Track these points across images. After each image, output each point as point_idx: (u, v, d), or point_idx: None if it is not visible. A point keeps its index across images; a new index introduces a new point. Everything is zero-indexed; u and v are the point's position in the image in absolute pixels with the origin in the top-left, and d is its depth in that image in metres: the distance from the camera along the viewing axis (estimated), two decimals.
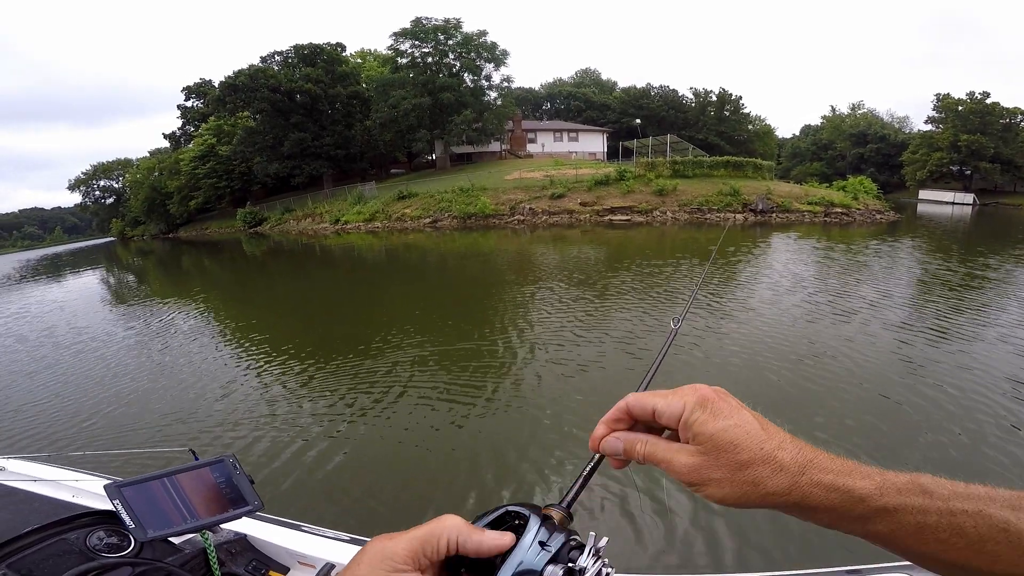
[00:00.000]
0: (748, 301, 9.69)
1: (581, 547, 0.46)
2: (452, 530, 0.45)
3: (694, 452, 0.47)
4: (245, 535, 1.90)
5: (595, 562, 0.45)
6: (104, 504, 1.77)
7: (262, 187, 48.35)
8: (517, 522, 0.48)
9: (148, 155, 62.75)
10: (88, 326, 11.31)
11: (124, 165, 67.01)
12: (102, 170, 68.23)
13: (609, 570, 0.45)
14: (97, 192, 69.65)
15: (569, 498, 0.53)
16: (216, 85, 46.11)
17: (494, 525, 0.48)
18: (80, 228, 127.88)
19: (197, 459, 1.63)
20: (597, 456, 0.56)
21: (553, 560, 0.44)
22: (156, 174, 53.25)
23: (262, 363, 7.53)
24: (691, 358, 6.64)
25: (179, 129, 59.65)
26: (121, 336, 10.14)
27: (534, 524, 0.46)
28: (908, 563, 1.29)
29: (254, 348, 8.43)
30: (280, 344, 8.45)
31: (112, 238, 69.55)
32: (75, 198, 73.54)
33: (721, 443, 0.46)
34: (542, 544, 0.45)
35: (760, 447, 0.45)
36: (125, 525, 1.41)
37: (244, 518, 1.77)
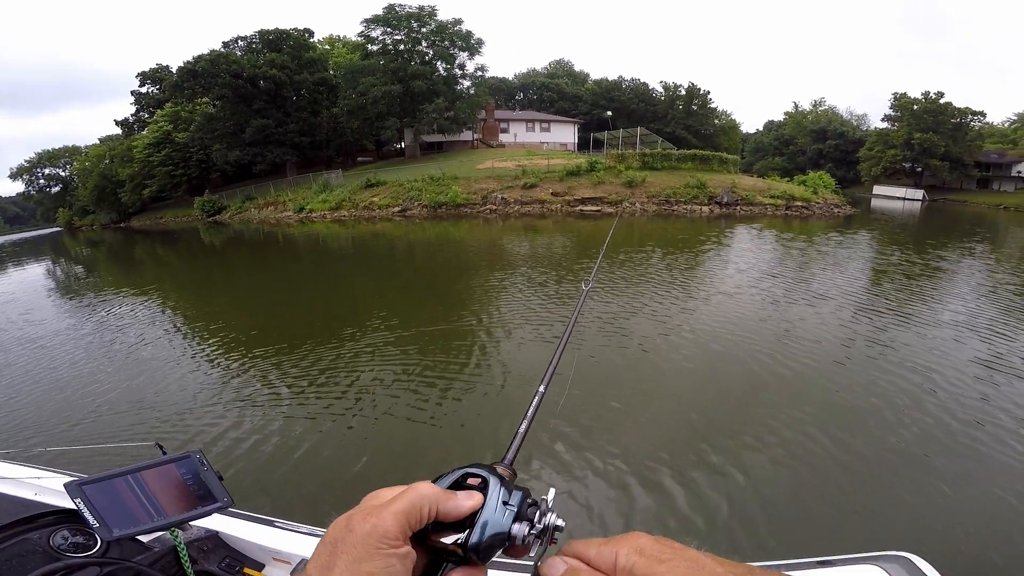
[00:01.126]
0: (721, 286, 9.99)
1: (536, 503, 0.49)
2: (431, 498, 0.45)
3: None
4: (217, 532, 1.85)
5: (551, 516, 0.48)
6: (69, 502, 1.68)
7: (221, 175, 46.57)
8: (469, 481, 0.50)
9: (98, 142, 59.44)
10: (43, 320, 10.79)
11: (72, 152, 63.51)
12: (47, 157, 64.56)
13: (562, 523, 0.48)
14: (42, 180, 65.95)
15: (511, 455, 0.55)
16: (173, 71, 43.97)
17: (453, 486, 0.49)
18: (23, 218, 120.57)
19: (164, 453, 1.56)
20: (532, 409, 0.61)
21: (517, 518, 0.47)
22: (107, 161, 50.55)
23: (229, 357, 7.28)
24: (677, 341, 6.82)
25: (132, 116, 56.61)
26: (78, 330, 9.64)
27: (495, 485, 0.48)
28: (873, 554, 1.39)
29: (219, 341, 8.13)
30: (245, 337, 8.19)
31: (58, 228, 65.97)
32: (17, 187, 69.43)
33: None
34: (505, 503, 0.47)
35: None
36: (88, 524, 1.36)
37: (216, 515, 1.71)
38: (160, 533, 1.64)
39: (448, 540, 0.46)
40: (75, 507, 1.40)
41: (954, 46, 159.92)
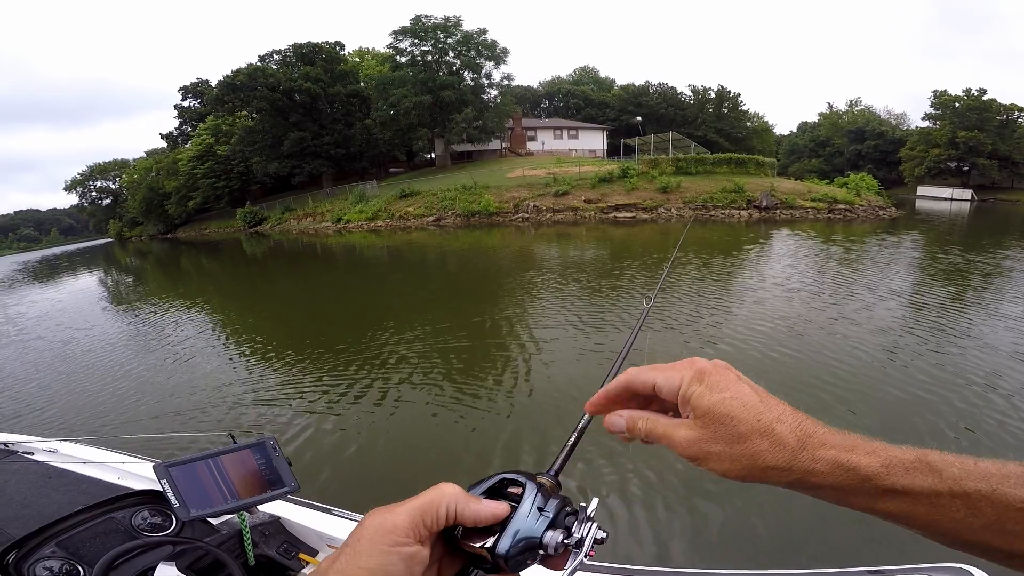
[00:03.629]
0: (788, 285, 9.91)
1: (575, 512, 0.47)
2: (450, 499, 0.43)
3: (692, 426, 0.47)
4: (279, 517, 1.92)
5: (591, 526, 0.45)
6: (148, 485, 1.89)
7: (261, 187, 48.32)
8: (509, 489, 0.48)
9: (145, 155, 62.68)
10: (116, 325, 11.44)
11: (120, 166, 67.02)
12: (98, 171, 68.19)
13: (602, 534, 0.45)
14: (94, 193, 69.64)
15: (556, 466, 0.52)
16: (213, 85, 46.05)
17: (490, 492, 0.48)
18: (76, 229, 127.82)
19: (236, 443, 1.61)
20: (584, 422, 0.56)
21: (551, 525, 0.45)
22: (153, 174, 53.17)
23: (285, 357, 7.56)
24: (737, 334, 6.66)
25: (176, 129, 59.63)
26: (148, 334, 10.10)
27: (531, 491, 0.46)
28: (928, 565, 1.30)
29: (274, 343, 8.43)
30: (299, 339, 8.50)
31: (109, 239, 69.51)
32: (71, 199, 73.58)
33: (717, 415, 0.45)
34: (540, 510, 0.45)
35: (757, 419, 0.44)
36: (170, 504, 1.44)
37: (278, 501, 1.83)
38: (229, 516, 1.72)
39: (477, 544, 0.44)
40: (156, 489, 1.52)
41: (990, 42, 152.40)
